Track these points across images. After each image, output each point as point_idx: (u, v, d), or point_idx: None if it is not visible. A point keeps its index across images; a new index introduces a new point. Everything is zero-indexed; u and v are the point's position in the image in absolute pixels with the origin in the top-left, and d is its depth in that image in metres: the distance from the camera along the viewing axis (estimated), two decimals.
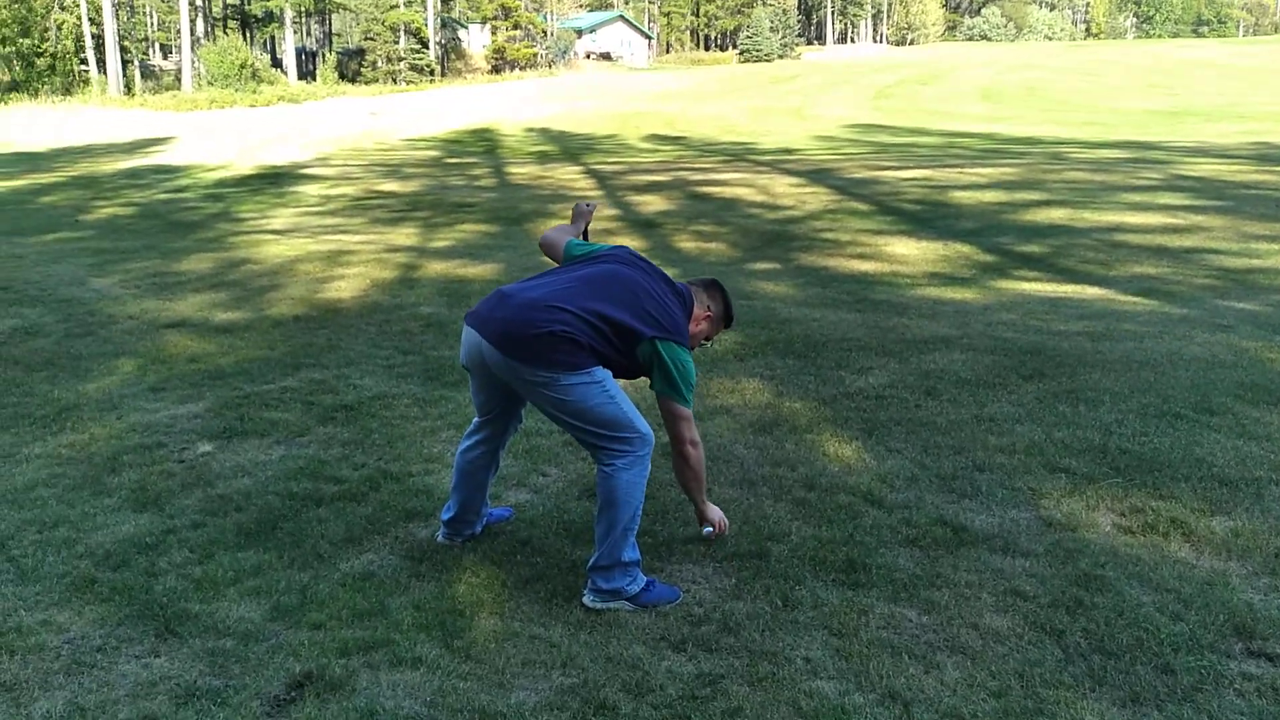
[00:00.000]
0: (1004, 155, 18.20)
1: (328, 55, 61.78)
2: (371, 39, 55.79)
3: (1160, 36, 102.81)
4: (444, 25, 59.63)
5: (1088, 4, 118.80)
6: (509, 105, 39.35)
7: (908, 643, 2.72)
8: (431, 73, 54.44)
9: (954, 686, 2.51)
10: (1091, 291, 7.36)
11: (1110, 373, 4.99)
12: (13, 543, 3.52)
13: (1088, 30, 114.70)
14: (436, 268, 8.77)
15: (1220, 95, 39.18)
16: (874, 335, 5.93)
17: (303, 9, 63.39)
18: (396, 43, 54.63)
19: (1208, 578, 2.98)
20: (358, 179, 17.16)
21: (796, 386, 4.97)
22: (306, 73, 59.36)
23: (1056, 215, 10.92)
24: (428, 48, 56.10)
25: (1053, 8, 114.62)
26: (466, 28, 63.42)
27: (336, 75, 54.56)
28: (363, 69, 55.84)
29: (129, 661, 2.77)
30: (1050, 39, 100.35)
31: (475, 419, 3.39)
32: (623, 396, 3.01)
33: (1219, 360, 5.17)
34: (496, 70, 58.21)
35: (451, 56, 59.73)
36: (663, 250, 9.67)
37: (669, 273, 3.30)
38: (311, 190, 15.63)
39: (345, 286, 7.96)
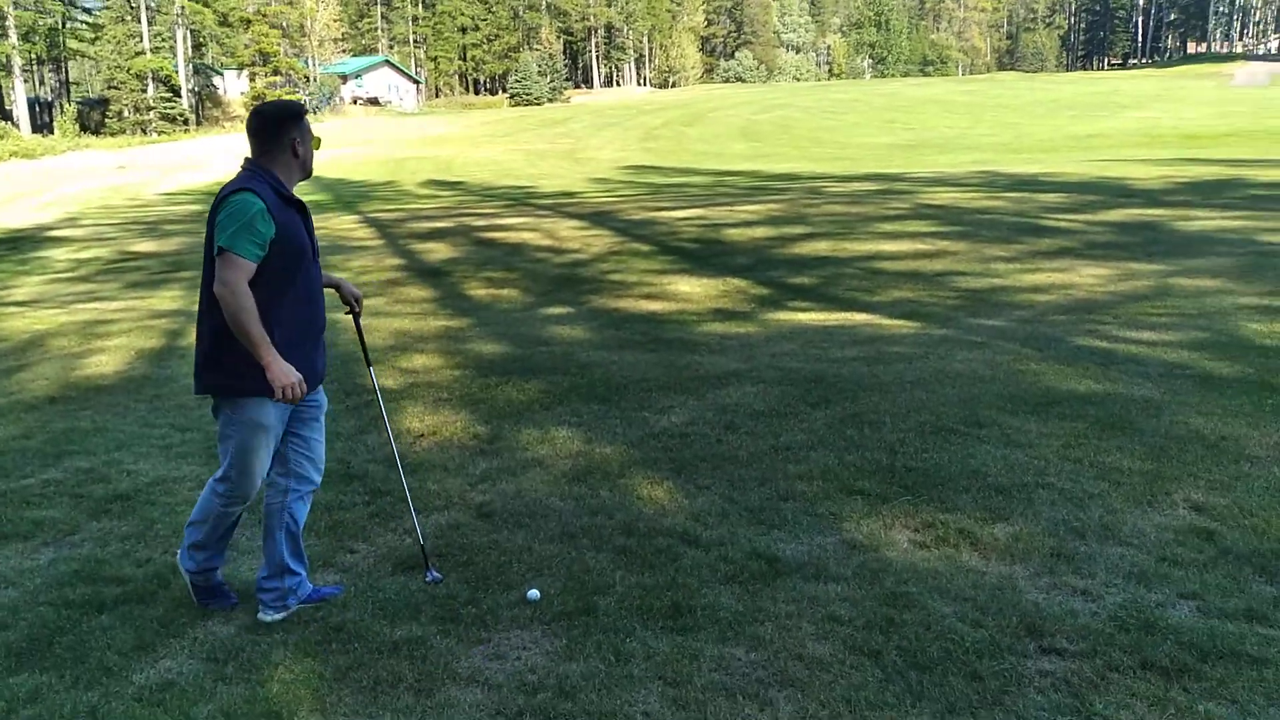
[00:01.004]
0: (768, 192, 19.30)
1: (66, 105, 56.81)
2: (115, 88, 51.92)
3: (894, 76, 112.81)
4: (197, 72, 56.42)
5: (829, 47, 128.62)
6: None
7: (740, 683, 2.79)
8: (185, 122, 51.28)
9: (788, 718, 2.60)
10: (859, 317, 7.91)
11: (887, 395, 5.37)
12: None
13: (831, 71, 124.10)
14: None
15: (949, 128, 43.46)
16: (670, 374, 6.09)
17: (34, 56, 58.08)
18: (144, 91, 51.12)
19: (997, 583, 3.25)
20: (111, 239, 15.85)
21: (604, 431, 5.02)
22: (42, 125, 54.36)
23: (821, 247, 11.67)
24: (180, 96, 52.84)
25: (798, 50, 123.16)
26: (222, 74, 60.29)
27: (77, 127, 50.31)
28: (107, 119, 51.81)
29: None
30: (798, 80, 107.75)
31: None
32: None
33: (979, 376, 5.68)
34: None
35: (207, 104, 56.54)
36: (454, 299, 9.54)
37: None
38: (59, 255, 14.29)
39: (106, 360, 7.31)
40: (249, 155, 3.22)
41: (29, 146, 42.13)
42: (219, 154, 38.88)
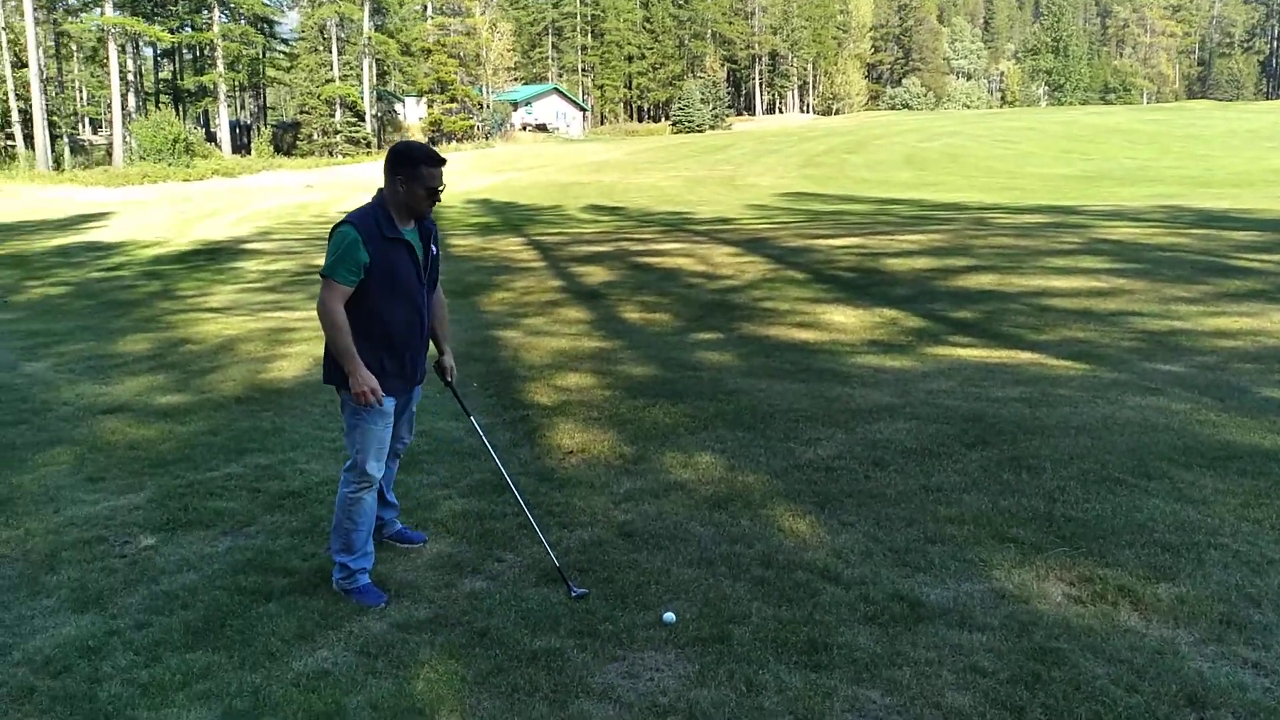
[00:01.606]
0: (931, 221, 18.79)
1: (262, 128, 61.58)
2: (307, 112, 55.85)
3: (1072, 104, 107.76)
4: (380, 98, 60.01)
5: (1002, 73, 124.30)
6: (448, 177, 39.47)
7: None
8: (368, 145, 54.57)
9: None
10: (1024, 356, 7.59)
11: (1049, 439, 5.14)
12: None
13: (1003, 98, 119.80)
14: None
15: (1130, 159, 41.14)
16: (819, 405, 6.03)
17: (237, 83, 63.28)
18: (332, 116, 54.74)
19: (1158, 646, 3.06)
20: (297, 253, 17.03)
21: (748, 460, 5.02)
22: (241, 146, 59.07)
23: (985, 280, 11.26)
24: (364, 120, 56.31)
25: (969, 77, 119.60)
26: (403, 100, 63.91)
27: (272, 148, 54.41)
28: (298, 141, 55.77)
29: None
30: (968, 107, 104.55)
31: None
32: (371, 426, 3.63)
33: (1151, 424, 5.36)
34: (434, 142, 58.55)
35: (388, 129, 60.03)
36: (608, 321, 9.75)
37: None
38: (251, 265, 15.46)
39: (288, 366, 7.85)
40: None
41: (229, 166, 45.82)
42: None
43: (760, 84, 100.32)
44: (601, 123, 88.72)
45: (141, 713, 2.96)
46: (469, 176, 39.71)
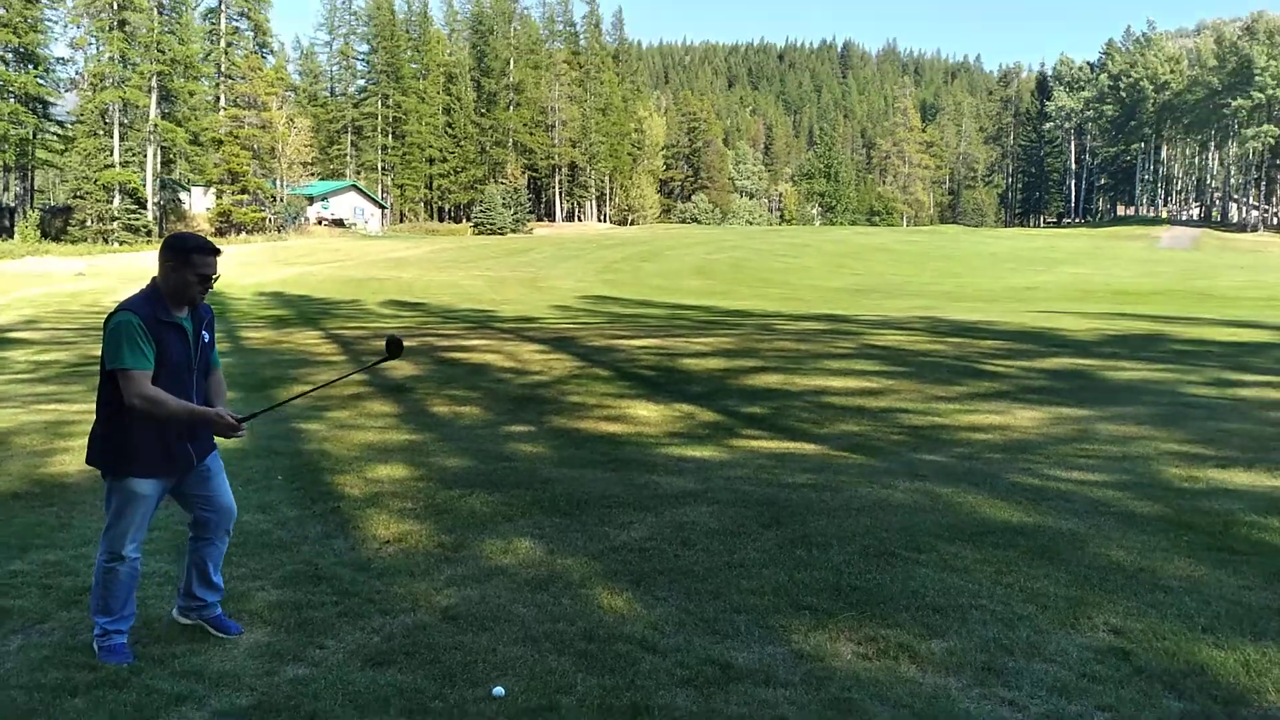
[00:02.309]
0: (722, 326, 19.99)
1: (30, 211, 56.90)
2: (81, 197, 52.33)
3: (842, 224, 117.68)
4: (164, 186, 57.17)
5: (780, 194, 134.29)
6: (237, 268, 38.01)
7: None
8: (148, 233, 51.64)
9: None
10: (809, 447, 8.27)
11: (834, 519, 5.68)
12: None
13: (782, 216, 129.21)
14: None
15: (894, 275, 45.36)
16: (629, 492, 6.35)
17: (2, 164, 58.47)
18: (110, 202, 51.54)
19: (933, 692, 3.50)
20: (71, 344, 15.89)
21: (565, 544, 5.24)
22: (2, 230, 54.30)
23: (772, 380, 12.14)
24: (145, 208, 53.36)
25: (752, 196, 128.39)
26: (189, 190, 61.14)
27: (39, 233, 50.37)
28: (69, 227, 51.97)
29: None
30: (751, 223, 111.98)
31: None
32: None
33: (919, 505, 6.03)
34: (221, 233, 56.17)
35: (171, 217, 57.09)
36: (415, 415, 9.75)
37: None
38: (18, 355, 14.27)
39: (70, 460, 7.37)
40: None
41: None
42: None
43: (560, 192, 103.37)
44: (401, 220, 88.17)
45: None
46: (262, 269, 38.36)
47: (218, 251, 3.80)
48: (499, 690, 3.52)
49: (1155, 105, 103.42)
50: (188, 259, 3.70)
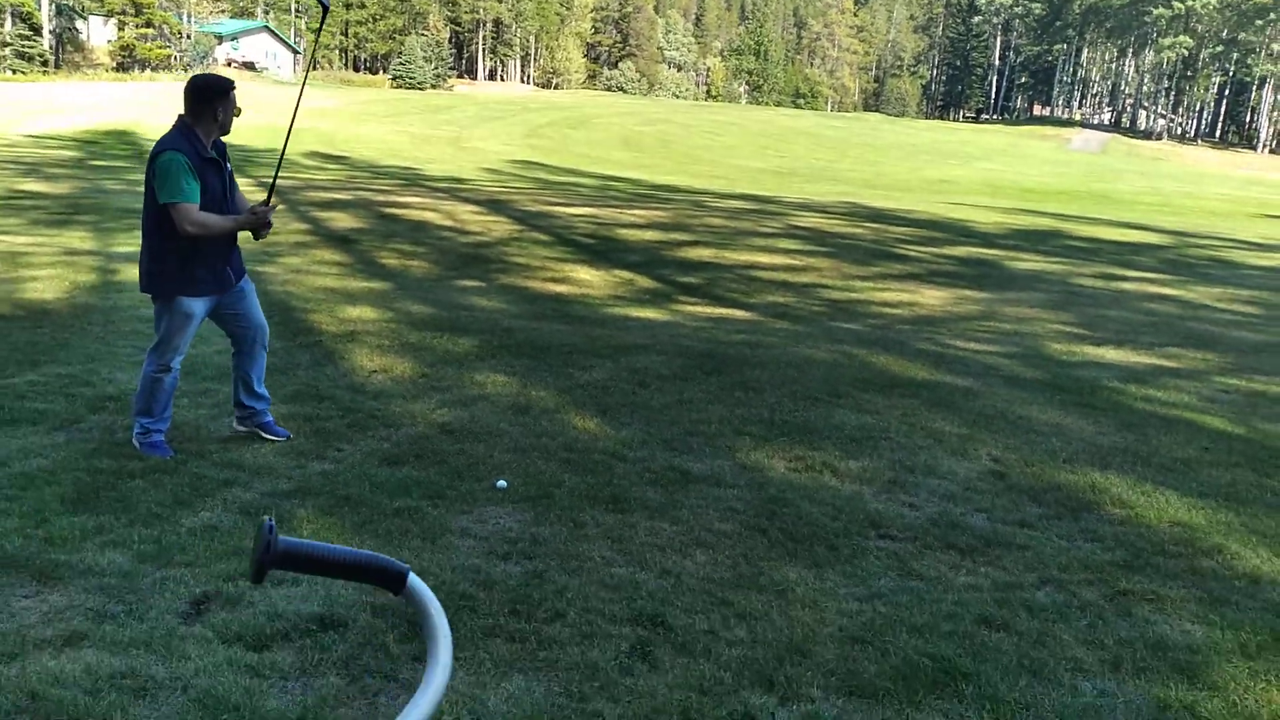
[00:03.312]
0: (653, 200, 20.48)
1: None
2: None
3: (768, 104, 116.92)
4: (59, 13, 53.35)
5: (709, 69, 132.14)
6: (145, 108, 36.31)
7: (667, 543, 3.80)
8: (44, 62, 48.45)
9: (703, 564, 3.63)
10: (740, 314, 9.08)
11: (765, 370, 6.51)
12: None
13: (709, 92, 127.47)
14: (134, 273, 8.60)
15: (816, 160, 46.01)
16: (586, 342, 7.06)
17: None
18: (1, 26, 48.01)
19: (850, 495, 4.38)
20: None
21: (536, 380, 5.95)
22: None
23: (704, 254, 12.85)
24: (40, 35, 49.87)
25: (680, 69, 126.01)
26: (86, 19, 57.18)
27: None
28: None
29: (23, 600, 3.10)
30: (677, 96, 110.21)
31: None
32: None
33: (838, 363, 6.91)
34: (123, 68, 53.00)
35: (68, 47, 53.53)
36: (366, 265, 10.18)
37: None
38: None
39: (43, 288, 7.68)
40: (182, 112, 4.27)
41: None
42: (84, 103, 37.18)
43: (483, 49, 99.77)
44: (315, 68, 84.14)
45: (57, 555, 3.39)
46: (173, 109, 36.70)
47: (233, 86, 4.36)
48: (502, 483, 4.26)
49: (1081, 7, 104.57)
50: (210, 102, 4.21)
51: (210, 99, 4.21)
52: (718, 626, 3.18)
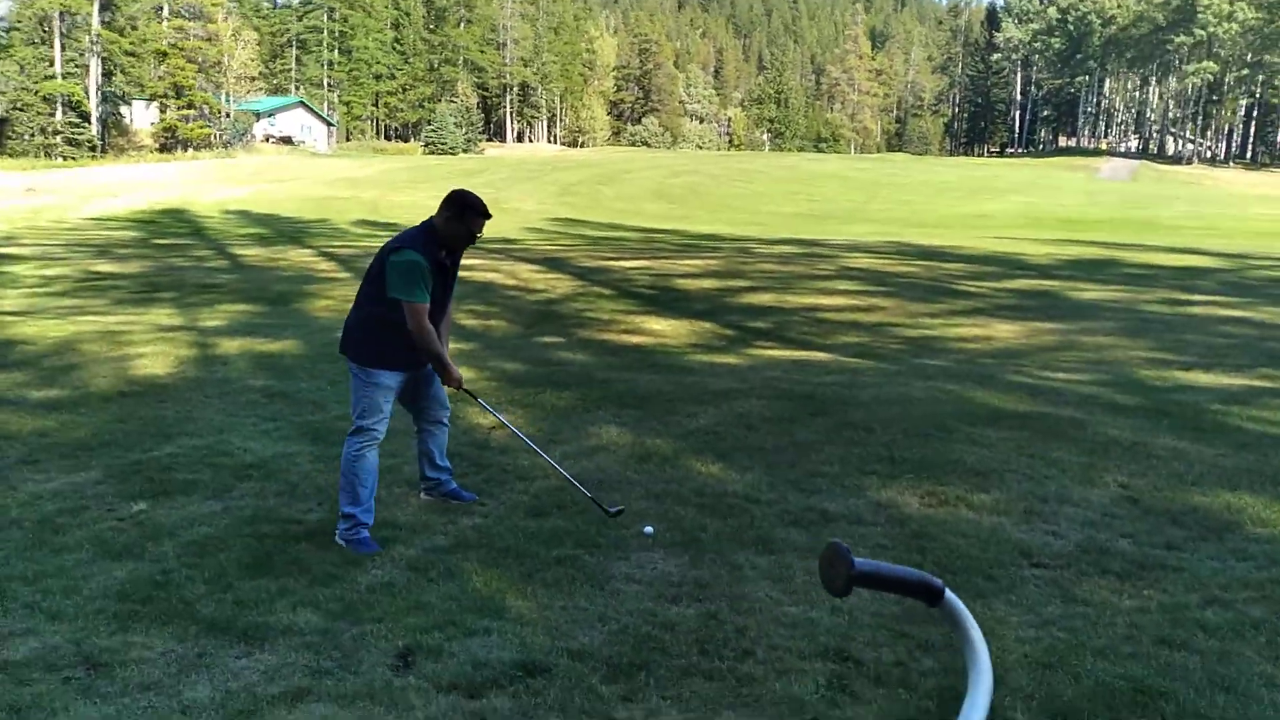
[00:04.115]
0: (700, 250, 20.72)
1: None
2: (20, 109, 50.49)
3: (791, 150, 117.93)
4: (105, 99, 55.34)
5: (730, 119, 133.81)
6: (192, 186, 37.48)
7: None
8: (92, 147, 50.22)
9: (870, 601, 3.69)
10: (821, 355, 9.17)
11: (869, 409, 6.59)
12: (12, 594, 3.70)
13: (731, 141, 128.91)
14: (233, 345, 8.91)
15: (848, 201, 46.25)
16: (682, 389, 7.19)
17: None
18: (52, 114, 49.89)
19: (991, 527, 4.44)
20: (64, 259, 16.06)
21: (647, 429, 6.07)
22: None
23: (766, 299, 13.00)
24: (88, 121, 51.72)
25: (702, 120, 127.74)
26: (130, 103, 59.24)
27: None
28: (9, 140, 50.27)
29: (238, 660, 3.24)
30: (701, 148, 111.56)
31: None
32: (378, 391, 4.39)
33: (937, 399, 6.97)
34: (166, 149, 54.74)
35: (113, 132, 55.43)
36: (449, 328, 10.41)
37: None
38: (22, 271, 14.46)
39: (152, 364, 7.95)
40: (434, 216, 4.42)
41: None
42: (133, 183, 38.41)
43: (511, 112, 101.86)
44: (348, 139, 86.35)
45: (255, 617, 3.53)
46: (219, 186, 37.86)
47: (489, 215, 4.46)
48: (649, 529, 4.36)
49: (1101, 39, 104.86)
50: (464, 216, 4.34)
51: (465, 217, 4.35)
52: (904, 658, 3.25)
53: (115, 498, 4.80)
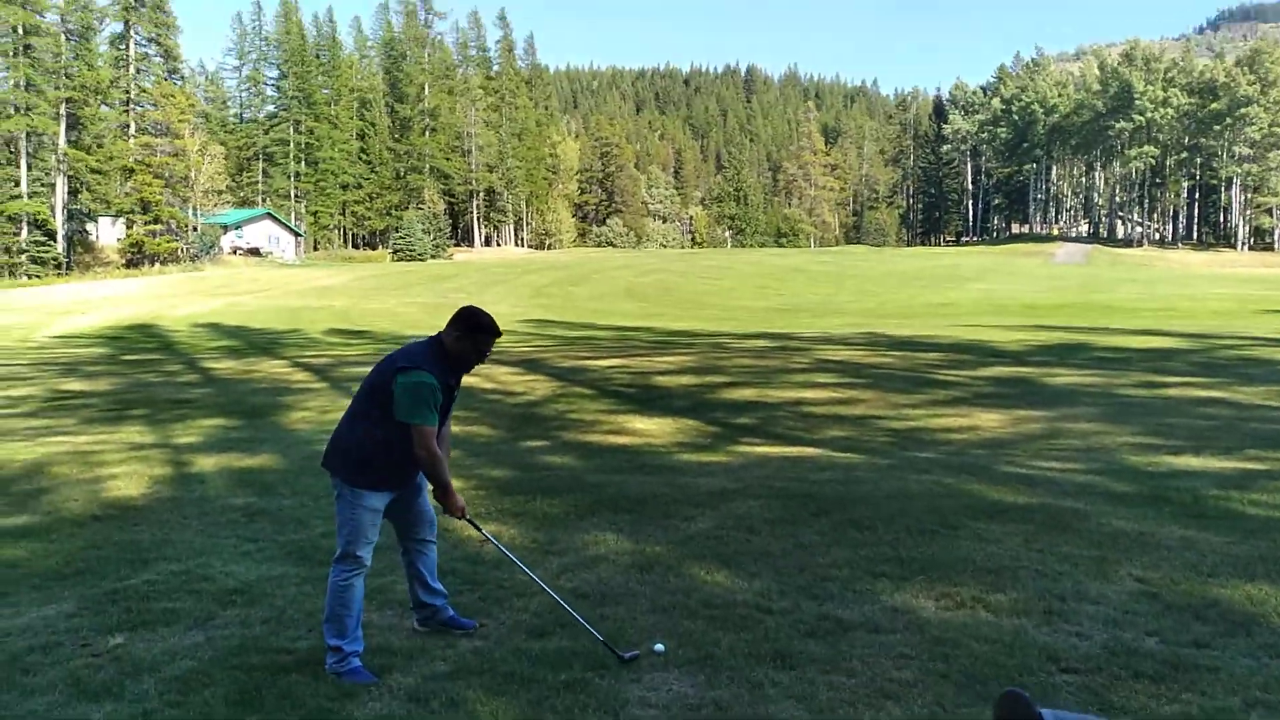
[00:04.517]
0: (674, 346, 20.78)
1: None
2: None
3: (752, 245, 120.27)
4: (71, 217, 55.41)
5: (691, 217, 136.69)
6: (161, 301, 37.29)
7: (853, 697, 3.69)
8: (58, 265, 50.00)
9: (901, 717, 3.51)
10: (810, 450, 9.07)
11: (870, 506, 6.47)
12: None
13: (693, 239, 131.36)
14: (209, 462, 8.65)
15: (814, 294, 46.95)
16: (676, 491, 7.03)
17: None
18: (17, 234, 49.77)
19: (1014, 630, 4.28)
20: (31, 378, 15.74)
21: (645, 535, 5.89)
22: None
23: (747, 394, 12.95)
24: (54, 239, 51.64)
25: (665, 220, 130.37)
26: (96, 220, 59.33)
27: None
28: None
29: None
30: (665, 246, 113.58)
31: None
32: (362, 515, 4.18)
33: (935, 492, 6.87)
34: (133, 264, 54.65)
35: (78, 249, 55.33)
36: None
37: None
38: None
39: (125, 485, 7.68)
40: (442, 333, 4.25)
41: None
42: (100, 300, 38.16)
43: (478, 217, 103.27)
44: (315, 248, 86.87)
45: None
46: (188, 300, 37.69)
47: (500, 334, 4.33)
48: (660, 646, 4.16)
49: (1045, 127, 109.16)
50: (475, 337, 4.19)
51: (476, 337, 4.19)
52: None
53: (90, 631, 4.53)
